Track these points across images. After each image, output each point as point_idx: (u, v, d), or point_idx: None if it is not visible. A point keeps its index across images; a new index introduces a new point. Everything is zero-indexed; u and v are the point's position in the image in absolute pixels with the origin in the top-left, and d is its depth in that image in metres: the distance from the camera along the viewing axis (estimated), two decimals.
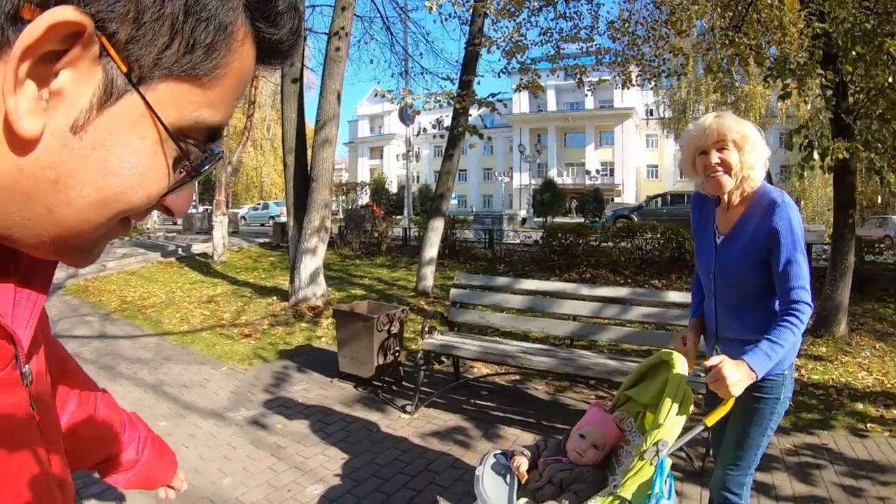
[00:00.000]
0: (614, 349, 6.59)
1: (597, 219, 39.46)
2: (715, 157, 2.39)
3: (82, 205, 0.50)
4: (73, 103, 0.47)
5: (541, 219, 45.02)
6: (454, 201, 51.24)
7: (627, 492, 2.12)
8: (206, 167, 0.59)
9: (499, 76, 11.40)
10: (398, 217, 29.34)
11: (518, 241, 19.19)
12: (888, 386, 6.25)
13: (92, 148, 0.48)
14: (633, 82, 11.30)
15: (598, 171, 60.28)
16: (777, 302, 2.43)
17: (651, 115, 54.88)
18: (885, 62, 7.03)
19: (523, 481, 2.47)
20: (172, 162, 0.54)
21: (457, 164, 10.62)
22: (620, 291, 5.27)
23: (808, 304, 2.30)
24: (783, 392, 2.49)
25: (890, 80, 7.04)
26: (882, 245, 11.61)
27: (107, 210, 0.52)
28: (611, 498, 2.15)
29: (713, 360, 2.23)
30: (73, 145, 0.47)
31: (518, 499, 2.41)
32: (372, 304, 6.16)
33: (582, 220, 43.91)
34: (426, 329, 5.27)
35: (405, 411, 5.10)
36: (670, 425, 2.16)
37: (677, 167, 56.31)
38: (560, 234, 13.76)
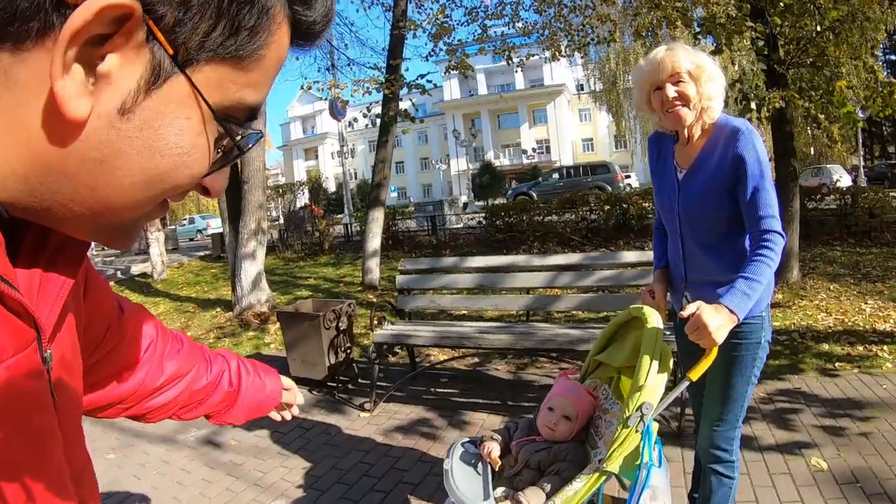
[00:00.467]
0: (573, 318, 6.46)
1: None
2: (671, 91, 2.22)
3: (127, 184, 0.52)
4: (121, 86, 0.47)
5: (482, 202, 45.08)
6: (393, 193, 51.16)
7: (614, 465, 1.92)
8: (251, 144, 0.61)
9: (426, 59, 11.24)
10: (338, 215, 28.93)
11: (461, 226, 19.13)
12: (849, 324, 6.35)
13: (139, 129, 0.49)
14: (563, 53, 11.29)
15: (534, 150, 60.60)
16: (747, 237, 2.28)
17: (582, 89, 55.41)
18: (811, 12, 7.19)
19: (497, 468, 2.25)
20: (214, 141, 0.56)
21: (391, 152, 10.36)
22: (573, 258, 5.08)
23: (779, 233, 2.15)
24: (763, 335, 2.34)
25: (818, 28, 7.22)
26: (822, 192, 11.82)
27: (151, 190, 0.53)
28: (596, 475, 1.95)
29: (690, 308, 2.05)
30: (120, 126, 0.49)
31: (494, 489, 2.18)
32: (317, 302, 5.85)
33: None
34: (375, 321, 5.01)
35: (364, 409, 4.85)
36: (652, 386, 1.95)
37: (612, 137, 57.25)
38: (503, 213, 13.69)
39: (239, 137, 0.59)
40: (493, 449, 2.25)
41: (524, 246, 12.89)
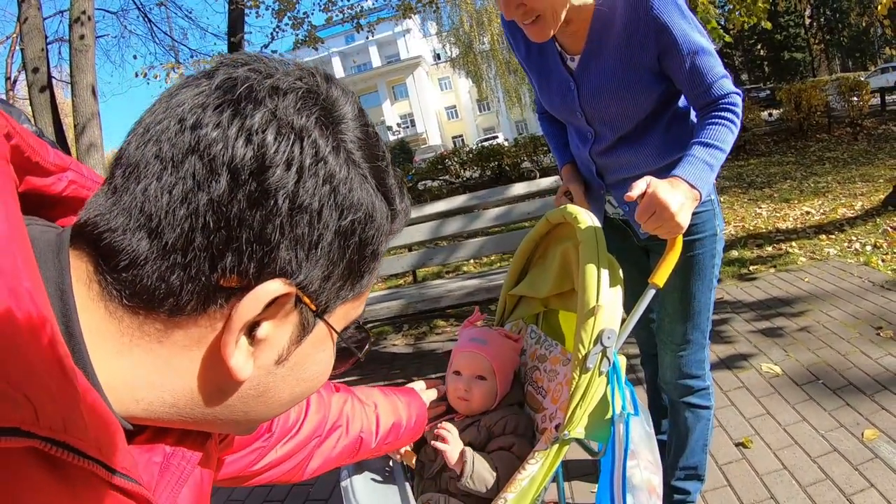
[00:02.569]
0: (469, 270, 5.87)
1: (412, 169, 39.51)
2: (514, 7, 1.49)
3: (277, 405, 0.61)
4: (276, 344, 0.55)
5: None
6: None
7: (577, 427, 1.27)
8: (367, 346, 0.70)
9: (271, 39, 10.64)
10: None
11: None
12: (751, 229, 6.45)
13: (291, 370, 0.58)
14: (414, 10, 10.81)
15: (399, 125, 60.01)
16: (678, 110, 1.71)
17: (439, 59, 55.49)
18: None
19: (413, 467, 1.56)
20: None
21: None
22: (456, 201, 4.42)
23: (736, 92, 1.55)
24: (717, 223, 1.78)
25: None
26: None
27: (293, 404, 0.63)
28: (556, 447, 1.29)
29: (638, 187, 1.39)
30: (276, 372, 0.57)
31: (417, 497, 1.48)
32: None
33: None
34: None
35: None
36: (609, 305, 1.30)
37: (475, 102, 57.73)
38: None
39: (355, 346, 0.67)
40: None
41: None
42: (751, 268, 5.13)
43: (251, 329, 0.52)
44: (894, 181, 6.84)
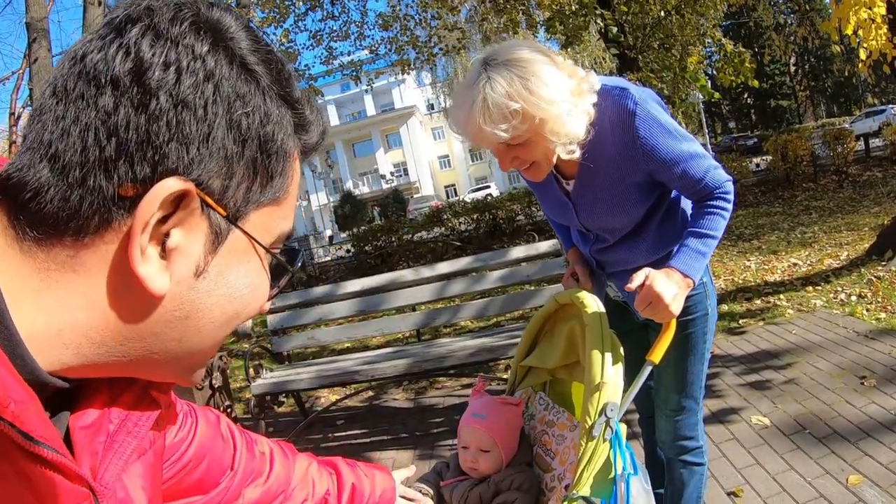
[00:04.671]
0: (470, 329, 6.06)
1: (402, 218, 39.86)
2: (510, 160, 1.69)
3: (211, 328, 0.59)
4: (190, 253, 0.54)
5: (346, 233, 44.68)
6: None
7: (585, 487, 1.44)
8: (299, 263, 0.69)
9: None
10: None
11: (329, 258, 18.75)
12: (740, 282, 6.58)
13: (214, 283, 0.57)
14: (412, 67, 11.11)
15: (392, 174, 60.55)
16: (670, 206, 1.91)
17: (433, 108, 56.15)
18: None
19: None
20: (270, 271, 0.64)
21: None
22: (459, 263, 4.60)
23: (728, 179, 1.75)
24: (708, 303, 1.97)
25: (662, 13, 7.64)
26: None
27: (229, 327, 0.62)
28: (564, 503, 1.46)
29: (637, 279, 1.62)
30: (198, 286, 0.56)
31: None
32: None
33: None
34: (252, 371, 4.35)
35: None
36: (612, 382, 1.50)
37: (467, 152, 58.29)
38: (371, 238, 13.34)
39: (290, 263, 0.67)
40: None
41: (399, 267, 12.56)
42: (740, 321, 5.28)
43: (163, 242, 0.53)
44: (878, 229, 7.07)
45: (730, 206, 1.75)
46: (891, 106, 25.94)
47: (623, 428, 1.51)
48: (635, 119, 1.66)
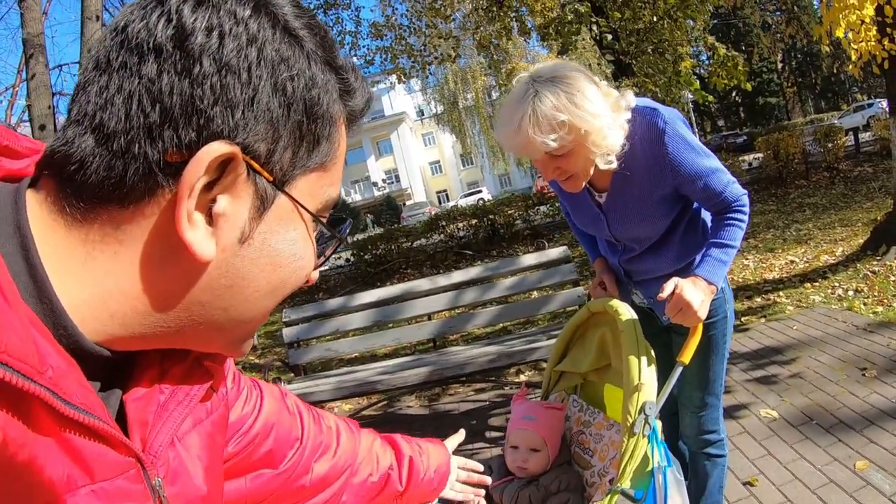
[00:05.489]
0: (485, 335, 6.13)
1: (396, 226, 39.86)
2: (552, 170, 1.84)
3: (256, 298, 0.59)
4: (236, 219, 0.55)
5: None
6: None
7: (627, 480, 1.59)
8: (346, 232, 0.69)
9: None
10: None
11: (328, 267, 18.67)
12: (739, 280, 6.70)
13: (259, 250, 0.57)
14: (407, 75, 11.24)
15: (384, 181, 60.54)
16: (690, 218, 2.06)
17: (423, 114, 56.21)
18: (649, 4, 7.74)
19: None
20: (316, 240, 0.64)
21: None
22: (472, 272, 4.75)
23: (744, 193, 1.91)
24: (728, 307, 2.13)
25: (654, 19, 7.77)
26: None
27: (276, 297, 0.61)
28: (610, 497, 1.61)
29: (668, 288, 1.79)
30: (243, 253, 0.56)
31: None
32: None
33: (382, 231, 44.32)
34: (272, 382, 4.42)
35: None
36: (648, 383, 1.66)
37: (458, 157, 58.34)
38: (370, 245, 13.39)
39: (337, 231, 0.67)
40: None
41: (398, 275, 12.65)
42: (742, 319, 5.42)
43: (209, 209, 0.53)
44: (871, 224, 7.22)
45: (746, 218, 1.91)
46: (878, 101, 26.25)
47: (659, 424, 1.66)
48: (664, 136, 1.82)
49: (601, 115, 1.72)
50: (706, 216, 2.09)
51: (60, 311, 0.51)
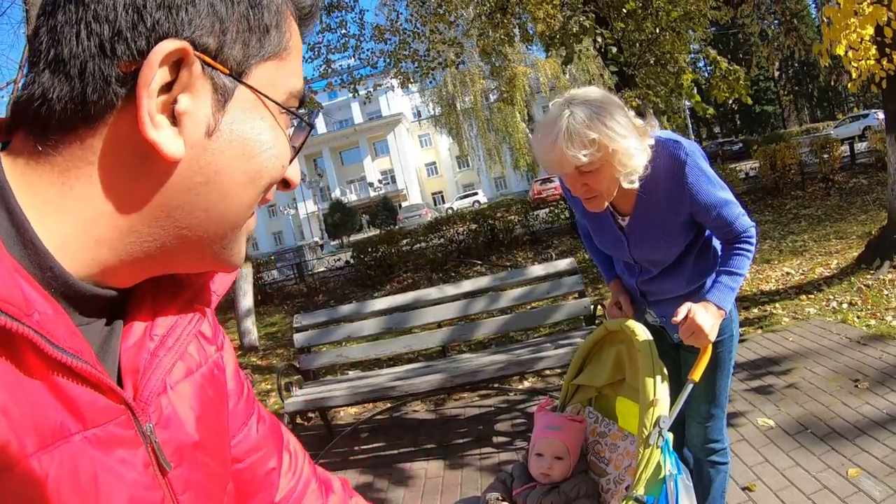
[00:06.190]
0: (493, 343, 6.26)
1: (392, 227, 39.99)
2: (580, 186, 1.98)
3: (235, 191, 0.59)
4: (199, 115, 0.55)
5: (336, 241, 44.58)
6: None
7: (641, 487, 1.77)
8: (316, 117, 0.71)
9: None
10: None
11: (325, 269, 18.73)
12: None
13: (228, 141, 0.57)
14: (411, 80, 11.34)
15: (380, 182, 60.59)
16: (703, 246, 2.25)
17: (420, 115, 56.38)
18: (652, 15, 7.85)
19: None
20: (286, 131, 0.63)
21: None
22: (481, 282, 4.92)
23: (752, 225, 2.10)
24: (733, 327, 2.31)
25: (657, 30, 7.89)
26: None
27: (255, 187, 0.60)
28: (624, 502, 1.78)
29: (681, 313, 1.97)
30: (213, 147, 0.56)
31: None
32: None
33: (377, 232, 44.41)
34: (283, 387, 4.56)
35: None
36: (662, 399, 1.84)
37: (454, 159, 58.47)
38: (370, 248, 13.50)
39: (307, 117, 0.66)
40: None
41: (398, 278, 12.77)
42: (740, 330, 5.49)
43: (172, 110, 0.54)
44: (865, 237, 7.42)
45: (753, 249, 2.09)
46: (874, 111, 26.48)
47: (670, 436, 1.83)
48: (686, 167, 2.00)
49: (628, 137, 1.89)
50: (717, 243, 2.26)
51: (44, 252, 0.52)
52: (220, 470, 0.73)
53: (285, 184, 0.66)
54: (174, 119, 0.53)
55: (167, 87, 0.52)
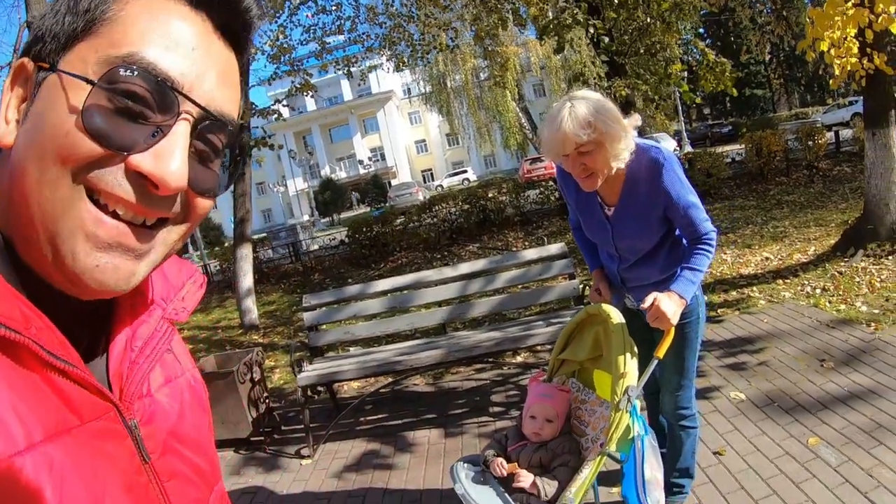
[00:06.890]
0: (489, 321, 6.50)
1: (382, 204, 40.02)
2: (578, 166, 2.35)
3: (31, 168, 0.56)
4: (20, 110, 0.60)
5: (327, 219, 44.57)
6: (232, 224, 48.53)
7: (613, 445, 2.19)
8: (124, 73, 0.56)
9: (270, 83, 11.03)
10: (185, 255, 27.45)
11: (318, 247, 18.82)
12: (717, 275, 7.19)
13: (33, 125, 0.57)
14: (406, 63, 11.49)
15: (369, 159, 60.68)
16: (683, 239, 2.58)
17: (410, 93, 56.14)
18: (643, 4, 8.04)
19: (514, 475, 2.39)
20: (115, 113, 0.56)
21: (250, 184, 10.06)
22: (478, 265, 5.25)
23: (713, 230, 2.48)
24: (700, 310, 2.67)
25: (648, 20, 8.10)
26: None
27: (44, 161, 0.56)
28: (599, 457, 2.19)
29: (648, 301, 2.37)
30: (22, 135, 0.58)
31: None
32: (220, 357, 5.41)
33: (368, 209, 44.35)
34: (295, 363, 4.83)
35: (303, 457, 4.54)
36: (631, 371, 2.25)
37: (444, 136, 58.32)
38: (365, 228, 13.73)
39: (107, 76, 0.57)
40: (503, 462, 2.39)
41: (391, 258, 13.02)
42: (718, 311, 5.94)
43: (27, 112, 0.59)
44: (843, 226, 7.74)
45: (713, 250, 2.48)
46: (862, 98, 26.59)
47: (638, 403, 2.25)
48: (663, 169, 2.40)
49: (617, 125, 2.30)
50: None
51: (26, 266, 0.60)
52: (205, 467, 0.80)
53: (151, 183, 0.58)
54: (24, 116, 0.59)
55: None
